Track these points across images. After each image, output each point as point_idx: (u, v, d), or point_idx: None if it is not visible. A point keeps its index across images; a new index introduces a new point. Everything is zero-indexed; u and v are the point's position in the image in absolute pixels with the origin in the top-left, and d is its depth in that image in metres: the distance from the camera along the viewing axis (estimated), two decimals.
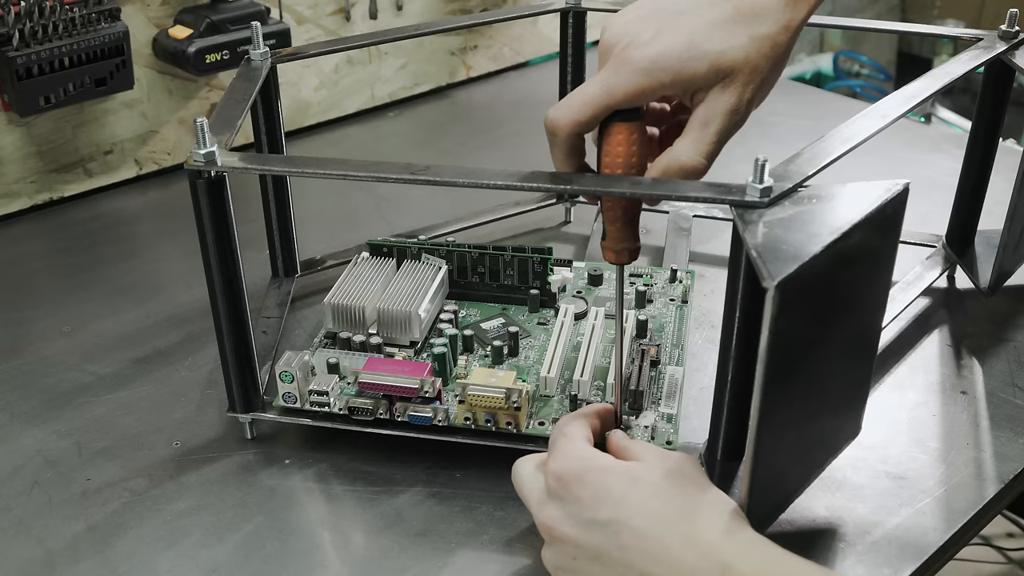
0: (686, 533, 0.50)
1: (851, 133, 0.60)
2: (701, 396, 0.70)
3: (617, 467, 0.53)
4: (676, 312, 0.76)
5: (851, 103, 1.32)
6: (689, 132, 0.55)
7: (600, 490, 0.52)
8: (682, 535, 0.50)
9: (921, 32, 0.84)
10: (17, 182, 0.95)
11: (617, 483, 0.52)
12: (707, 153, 0.54)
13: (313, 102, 1.13)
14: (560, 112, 0.54)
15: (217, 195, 0.59)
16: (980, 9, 2.51)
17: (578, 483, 0.52)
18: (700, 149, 0.54)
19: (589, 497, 0.52)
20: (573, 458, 0.54)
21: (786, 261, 0.48)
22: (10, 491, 0.64)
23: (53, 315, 0.82)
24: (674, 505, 0.51)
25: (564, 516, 0.52)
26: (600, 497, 0.52)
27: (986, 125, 0.79)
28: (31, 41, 0.86)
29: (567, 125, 0.54)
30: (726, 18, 0.53)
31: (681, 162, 0.54)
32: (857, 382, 0.60)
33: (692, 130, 0.54)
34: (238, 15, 0.97)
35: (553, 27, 0.95)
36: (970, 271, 0.81)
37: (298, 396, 0.65)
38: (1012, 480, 0.64)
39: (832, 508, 0.62)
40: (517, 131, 1.15)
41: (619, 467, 0.53)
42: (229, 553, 0.60)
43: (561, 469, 0.53)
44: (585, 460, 0.54)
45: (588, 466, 0.53)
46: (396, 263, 0.77)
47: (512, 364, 0.70)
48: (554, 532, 0.53)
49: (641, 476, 0.52)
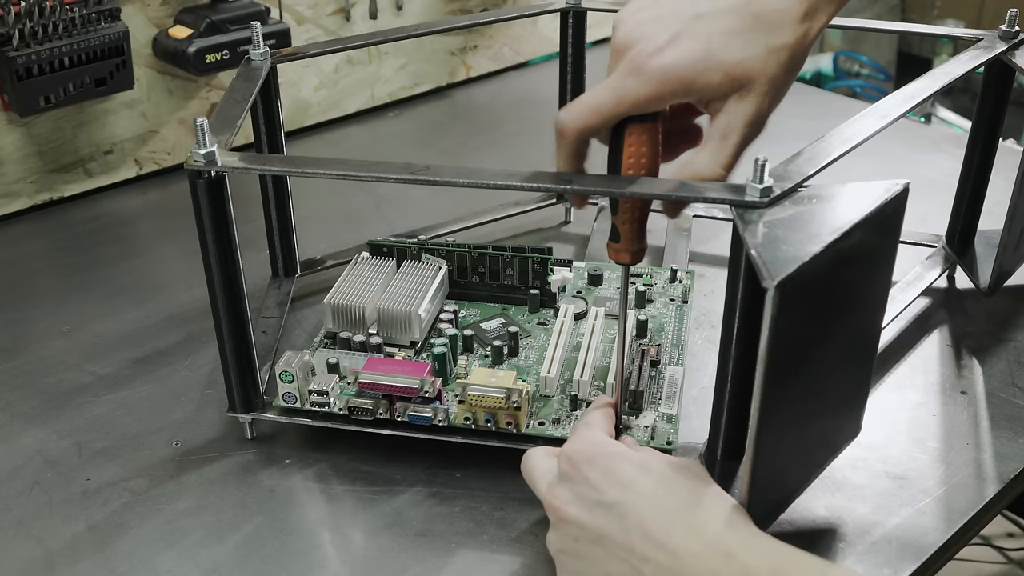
0: (690, 523, 0.50)
1: (851, 133, 0.60)
2: (701, 396, 0.70)
3: (629, 454, 0.54)
4: (676, 312, 0.76)
5: (851, 103, 1.32)
6: (708, 143, 0.54)
7: (610, 473, 0.53)
8: (686, 524, 0.50)
9: (921, 32, 0.84)
10: (17, 182, 0.95)
11: (627, 468, 0.53)
12: (726, 164, 0.54)
13: (313, 102, 1.13)
14: (570, 115, 0.54)
15: (217, 195, 0.59)
16: (980, 9, 2.51)
17: (588, 464, 0.53)
18: (720, 160, 0.54)
19: (597, 478, 0.53)
20: (588, 442, 0.55)
21: (786, 261, 0.48)
22: (10, 491, 0.64)
23: (53, 315, 0.82)
24: (680, 495, 0.52)
25: (572, 497, 0.53)
26: (609, 479, 0.53)
27: (986, 125, 0.79)
28: (31, 41, 0.86)
29: (575, 130, 0.54)
30: (745, 26, 0.52)
31: (702, 174, 0.54)
32: (857, 382, 0.60)
33: (712, 140, 0.54)
34: (238, 15, 0.97)
35: (553, 27, 0.95)
36: (970, 271, 0.81)
37: (298, 396, 0.65)
38: (1012, 480, 0.64)
39: (832, 508, 0.62)
40: (517, 131, 1.15)
41: (631, 454, 0.54)
42: (229, 553, 0.60)
43: (574, 451, 0.55)
44: (599, 445, 0.55)
45: (600, 450, 0.54)
46: (396, 263, 0.77)
47: (512, 364, 0.70)
48: (560, 512, 0.54)
49: (651, 465, 0.54)
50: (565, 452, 0.55)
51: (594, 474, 0.53)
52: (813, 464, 0.60)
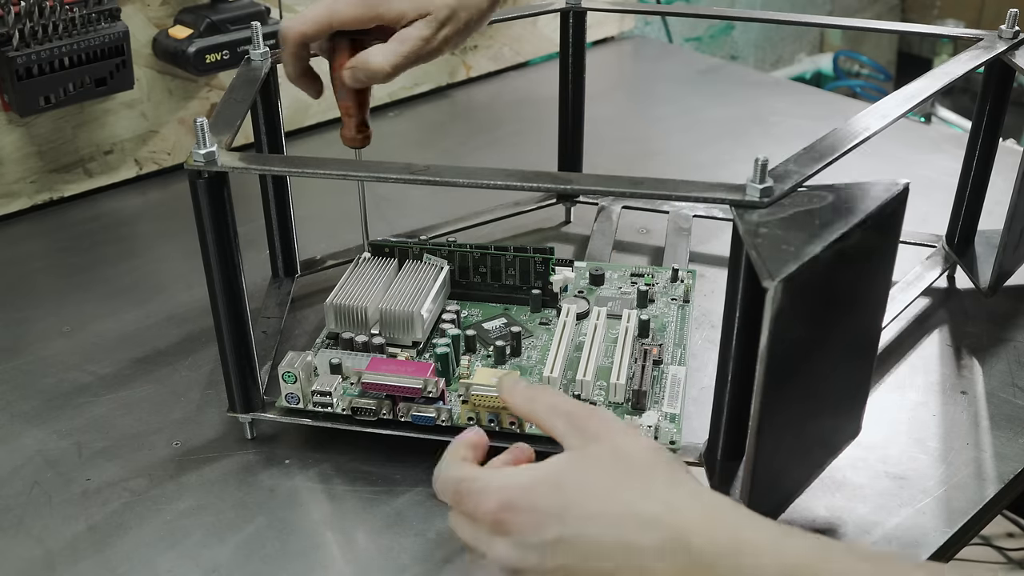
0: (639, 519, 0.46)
1: (851, 133, 0.60)
2: (701, 396, 0.70)
3: (536, 479, 0.49)
4: (678, 312, 0.76)
5: (851, 103, 1.32)
6: (387, 44, 0.65)
7: (535, 512, 0.48)
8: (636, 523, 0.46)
9: (921, 32, 0.84)
10: (17, 182, 0.95)
11: (546, 498, 0.48)
12: (395, 64, 0.65)
13: (313, 102, 1.13)
14: (291, 23, 0.66)
15: (217, 195, 0.59)
16: (980, 9, 2.51)
17: (512, 512, 0.48)
18: (390, 60, 0.65)
19: (528, 522, 0.48)
20: (489, 493, 0.49)
21: (786, 261, 0.48)
22: (10, 491, 0.64)
23: (53, 315, 0.82)
24: (612, 497, 0.48)
25: (514, 549, 0.48)
26: (539, 519, 0.48)
27: (986, 125, 0.79)
28: (31, 41, 0.86)
29: (295, 34, 0.66)
30: None
31: (371, 63, 0.65)
32: (857, 382, 0.60)
33: (390, 43, 0.65)
34: (238, 15, 0.97)
35: (553, 27, 0.95)
36: (970, 271, 0.81)
37: (301, 397, 0.65)
38: (1012, 480, 0.64)
39: (832, 508, 0.62)
40: (517, 131, 1.15)
41: (538, 478, 0.49)
42: (229, 553, 0.60)
43: (486, 508, 0.49)
44: (502, 489, 0.49)
45: (509, 493, 0.49)
46: (398, 263, 0.77)
47: (515, 364, 0.70)
48: (515, 567, 0.48)
49: (564, 480, 0.49)
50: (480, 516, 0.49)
51: (521, 519, 0.48)
52: (813, 464, 0.60)
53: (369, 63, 0.66)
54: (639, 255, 0.89)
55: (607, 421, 0.51)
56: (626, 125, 1.17)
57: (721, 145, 1.11)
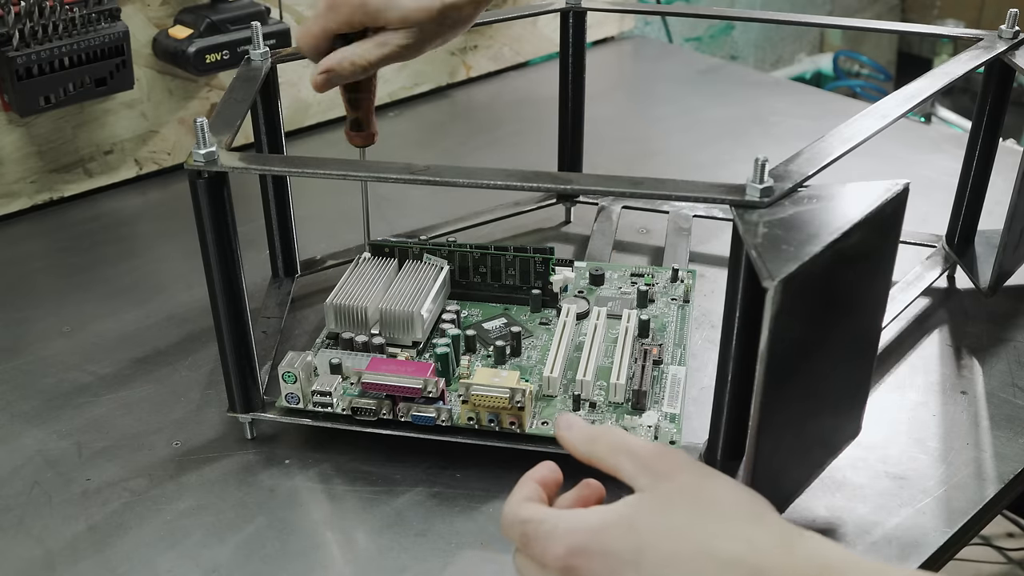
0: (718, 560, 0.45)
1: (851, 133, 0.60)
2: (701, 396, 0.70)
3: (607, 522, 0.47)
4: (678, 312, 0.76)
5: (851, 103, 1.32)
6: (367, 42, 0.68)
7: (608, 557, 0.46)
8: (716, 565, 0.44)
9: (921, 32, 0.84)
10: (17, 182, 0.95)
11: (619, 541, 0.46)
12: (372, 61, 0.68)
13: (313, 102, 1.13)
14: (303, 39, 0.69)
15: (217, 195, 0.59)
16: (980, 9, 2.51)
17: (583, 557, 0.46)
18: (368, 56, 0.68)
19: (601, 568, 0.46)
20: (557, 537, 0.47)
21: (786, 261, 0.48)
22: (10, 491, 0.64)
23: (53, 315, 0.82)
24: (690, 537, 0.46)
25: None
26: (612, 564, 0.46)
27: (986, 125, 0.79)
28: (31, 41, 0.86)
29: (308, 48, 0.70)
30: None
31: (349, 57, 0.68)
32: (857, 382, 0.60)
33: (371, 41, 0.68)
34: (238, 15, 0.97)
35: (553, 27, 0.95)
36: (970, 271, 0.81)
37: (301, 397, 0.65)
38: (1012, 480, 0.64)
39: (832, 508, 0.62)
40: (517, 131, 1.15)
41: (609, 520, 0.47)
42: (229, 553, 0.60)
43: (555, 554, 0.47)
44: (571, 532, 0.47)
45: (579, 537, 0.47)
46: (398, 263, 0.77)
47: (515, 364, 0.70)
48: None
49: (637, 521, 0.47)
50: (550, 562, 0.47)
51: (595, 565, 0.46)
52: (813, 464, 0.60)
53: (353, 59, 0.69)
54: (639, 255, 0.89)
55: (676, 457, 0.49)
56: (626, 125, 1.17)
57: (721, 145, 1.11)
